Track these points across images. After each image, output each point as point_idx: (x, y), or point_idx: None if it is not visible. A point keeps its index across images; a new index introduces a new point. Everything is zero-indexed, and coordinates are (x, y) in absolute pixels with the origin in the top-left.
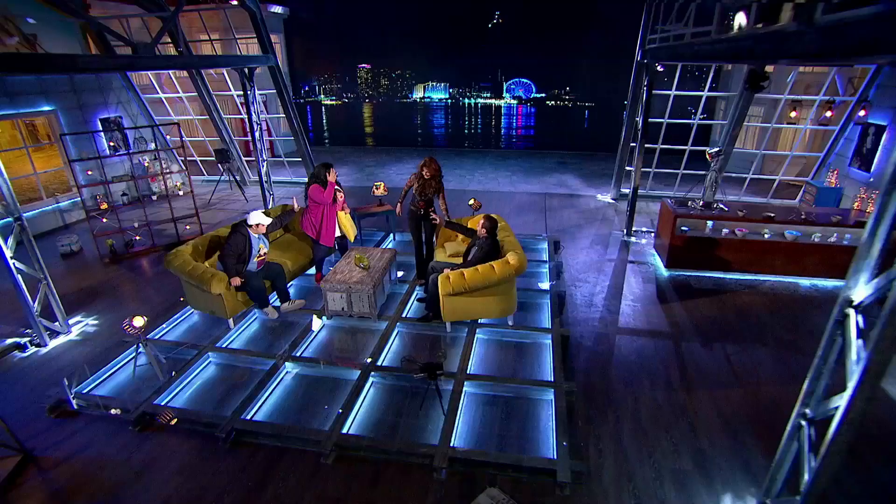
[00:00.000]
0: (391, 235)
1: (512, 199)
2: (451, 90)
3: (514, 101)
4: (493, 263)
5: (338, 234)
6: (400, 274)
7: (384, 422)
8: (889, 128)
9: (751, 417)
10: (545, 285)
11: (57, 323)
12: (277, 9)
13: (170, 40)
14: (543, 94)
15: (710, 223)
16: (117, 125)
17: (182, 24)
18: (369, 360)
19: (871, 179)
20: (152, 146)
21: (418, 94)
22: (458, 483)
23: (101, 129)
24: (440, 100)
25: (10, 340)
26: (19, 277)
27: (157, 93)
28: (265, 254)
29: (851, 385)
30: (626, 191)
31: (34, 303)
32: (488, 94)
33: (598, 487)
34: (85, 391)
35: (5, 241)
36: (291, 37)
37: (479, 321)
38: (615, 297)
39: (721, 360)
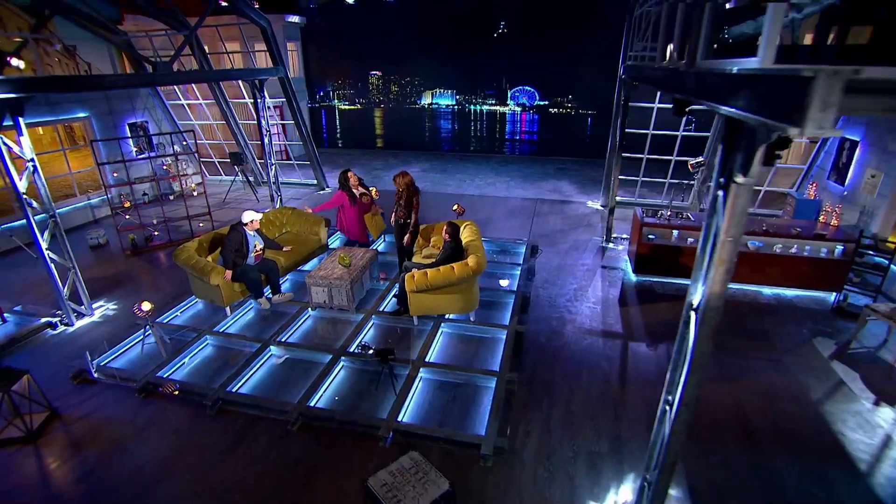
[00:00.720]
0: (381, 237)
1: (505, 203)
2: (457, 97)
3: (517, 109)
4: (454, 265)
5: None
6: (383, 275)
7: (346, 398)
8: (861, 143)
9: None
10: (504, 282)
11: (82, 306)
12: (295, 18)
13: (191, 53)
14: (546, 102)
15: (675, 232)
16: (143, 129)
17: (205, 36)
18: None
19: (845, 193)
20: (172, 149)
21: (426, 100)
22: (398, 450)
23: (128, 133)
24: (447, 106)
25: (43, 319)
26: (52, 266)
27: (180, 99)
28: (261, 249)
29: (684, 373)
30: (617, 198)
31: (64, 288)
32: (493, 101)
33: (518, 462)
34: (102, 363)
35: (41, 235)
36: (308, 44)
37: (446, 316)
38: (579, 299)
39: (661, 360)
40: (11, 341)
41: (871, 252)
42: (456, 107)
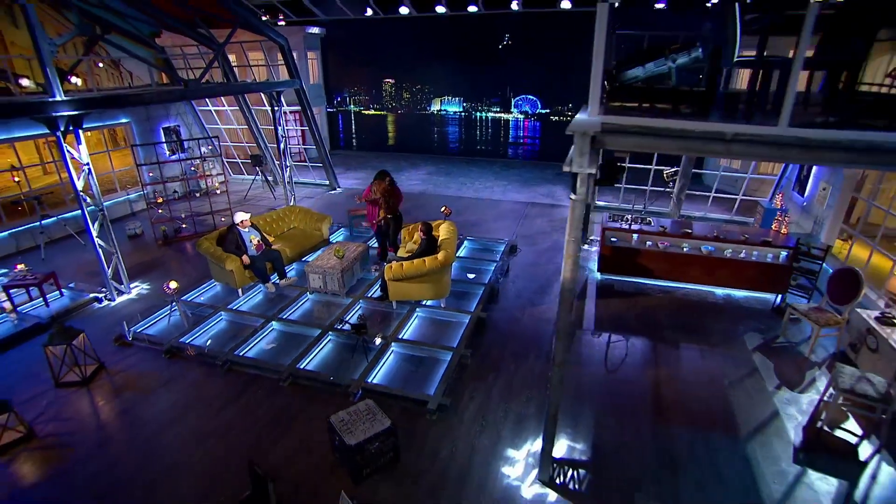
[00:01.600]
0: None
1: (498, 206)
2: (464, 104)
3: (521, 116)
4: (425, 258)
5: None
6: (376, 267)
7: (329, 364)
8: None
9: (597, 387)
10: (471, 276)
11: (122, 285)
12: (315, 30)
13: (218, 66)
14: (548, 110)
15: (635, 236)
16: (175, 133)
17: (231, 48)
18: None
19: (804, 204)
20: (200, 151)
21: (435, 106)
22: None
23: (163, 136)
24: (455, 112)
25: (91, 295)
26: (100, 251)
27: (208, 106)
28: (258, 241)
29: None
30: (602, 203)
31: (108, 270)
32: (498, 109)
33: (458, 417)
34: (137, 330)
35: (93, 225)
36: (327, 53)
37: (422, 302)
38: (543, 293)
39: (602, 345)
40: (67, 311)
41: (807, 258)
42: (463, 113)
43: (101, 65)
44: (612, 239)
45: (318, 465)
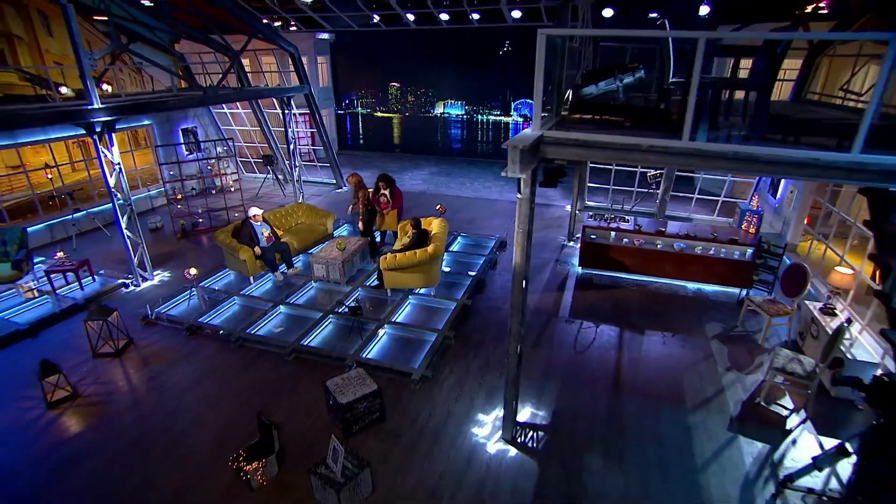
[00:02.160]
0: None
1: (493, 205)
2: (466, 107)
3: (520, 119)
4: (416, 250)
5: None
6: (368, 262)
7: (329, 342)
8: None
9: (564, 366)
10: (446, 268)
11: (147, 272)
12: (325, 35)
13: (232, 71)
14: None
15: (612, 233)
16: (193, 134)
17: (245, 54)
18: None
19: (777, 205)
20: (217, 151)
21: (439, 109)
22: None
23: (181, 137)
24: (457, 115)
25: (119, 280)
26: (128, 241)
27: (223, 108)
28: (269, 234)
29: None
30: (592, 203)
31: (135, 258)
32: (498, 113)
33: (438, 387)
34: (160, 311)
35: (122, 218)
36: (336, 58)
37: (413, 290)
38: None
39: (573, 330)
40: (98, 294)
41: (768, 255)
42: (465, 116)
43: (122, 69)
44: (592, 236)
45: (315, 422)
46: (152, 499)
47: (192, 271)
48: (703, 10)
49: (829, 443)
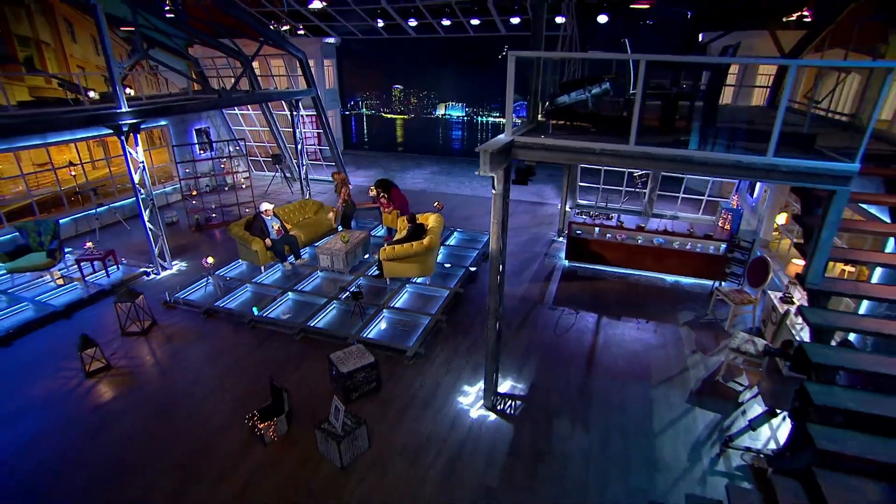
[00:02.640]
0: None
1: (489, 203)
2: (466, 109)
3: (518, 121)
4: (413, 242)
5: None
6: (366, 256)
7: (333, 324)
8: None
9: (544, 347)
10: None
11: (166, 262)
12: (331, 39)
13: (245, 76)
14: None
15: (597, 229)
16: (206, 134)
17: (257, 58)
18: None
19: (754, 204)
20: (229, 150)
21: (440, 111)
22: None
23: (195, 137)
24: (458, 117)
25: (141, 269)
26: (150, 233)
27: (234, 110)
28: (279, 228)
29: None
30: (583, 202)
31: (155, 248)
32: (497, 114)
33: (429, 363)
34: (180, 297)
35: (145, 211)
36: (342, 61)
37: (410, 279)
38: (516, 275)
39: (555, 317)
40: (122, 282)
41: (739, 249)
42: (465, 118)
43: (140, 72)
44: (577, 231)
45: (320, 391)
46: (179, 452)
47: (210, 260)
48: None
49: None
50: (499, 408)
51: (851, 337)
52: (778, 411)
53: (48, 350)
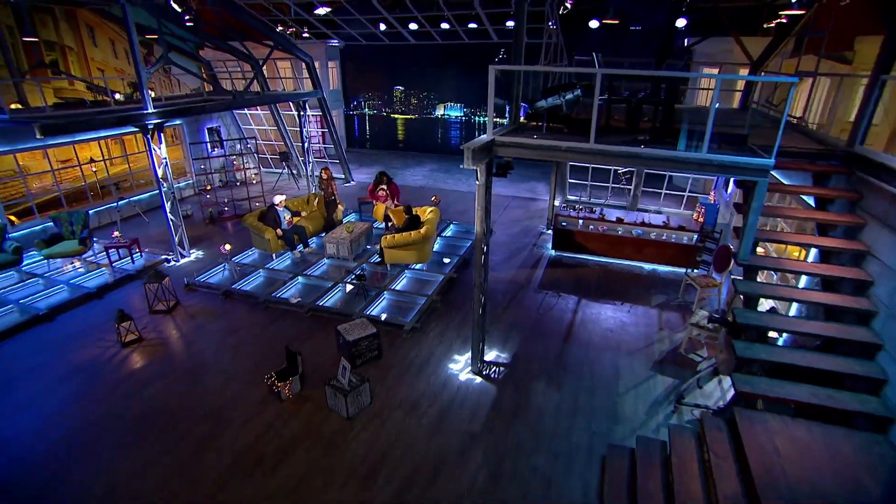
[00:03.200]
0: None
1: None
2: (464, 109)
3: (504, 121)
4: (411, 231)
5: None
6: (368, 247)
7: (339, 303)
8: None
9: (527, 323)
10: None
11: (185, 250)
12: (335, 42)
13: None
14: None
15: (580, 221)
16: (217, 133)
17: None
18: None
19: (728, 198)
20: (238, 148)
21: (439, 111)
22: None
23: (206, 135)
24: (456, 117)
25: (162, 256)
26: (171, 223)
27: (243, 110)
28: (290, 219)
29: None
30: (572, 197)
31: (175, 237)
32: (494, 114)
33: (424, 337)
34: (200, 280)
35: (167, 204)
36: (346, 63)
37: (409, 266)
38: (505, 263)
39: (539, 298)
40: (146, 268)
41: (709, 239)
42: (463, 118)
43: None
44: (563, 223)
45: (328, 359)
46: (207, 407)
47: (227, 247)
48: (680, 22)
49: (726, 381)
50: (484, 373)
51: (792, 310)
52: (720, 370)
53: (86, 325)
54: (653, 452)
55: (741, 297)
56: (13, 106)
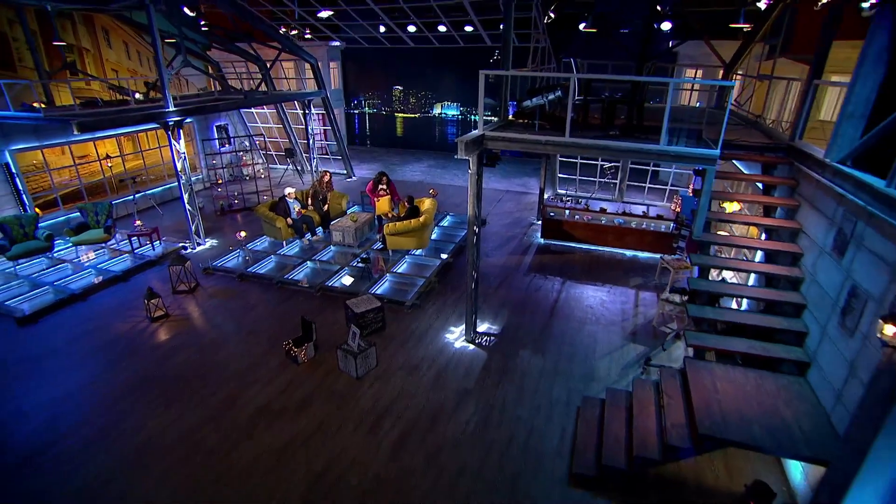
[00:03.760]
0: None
1: None
2: (460, 108)
3: (495, 119)
4: (411, 220)
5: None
6: (370, 235)
7: (345, 284)
8: None
9: (517, 300)
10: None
11: (200, 238)
12: (337, 43)
13: (262, 79)
14: None
15: (567, 211)
16: (225, 130)
17: (269, 60)
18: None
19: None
20: (254, 143)
21: (437, 110)
22: None
23: (216, 133)
24: (452, 116)
25: (179, 244)
26: (188, 213)
27: (250, 108)
28: (299, 209)
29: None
30: (562, 191)
31: (192, 226)
32: (488, 113)
33: (423, 311)
34: (217, 265)
35: (185, 195)
36: (347, 63)
37: (409, 251)
38: (497, 250)
39: (527, 280)
40: (165, 254)
41: (683, 227)
42: (459, 116)
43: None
44: (551, 213)
45: (338, 331)
46: (232, 370)
47: (242, 234)
48: (666, 26)
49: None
50: (477, 342)
51: (751, 281)
52: (681, 335)
53: (116, 304)
54: (619, 400)
55: (696, 268)
56: (35, 105)
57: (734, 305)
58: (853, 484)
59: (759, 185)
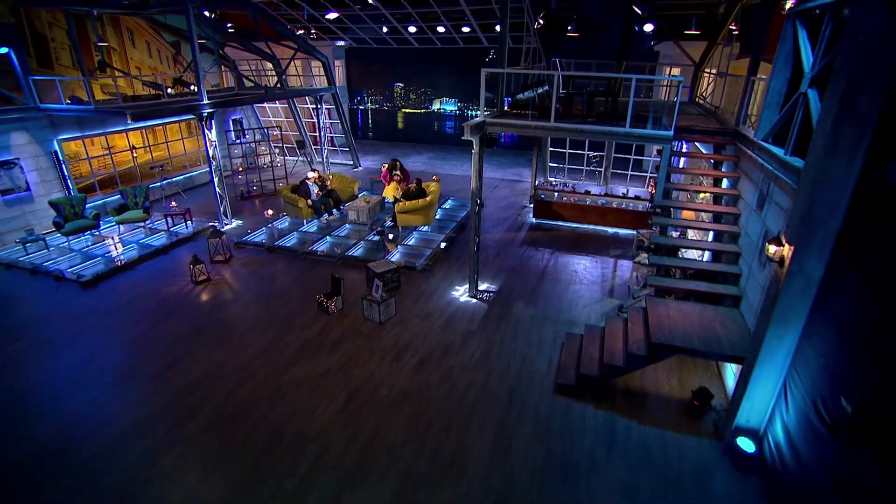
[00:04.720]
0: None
1: None
2: (458, 104)
3: (492, 110)
4: (418, 200)
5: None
6: (380, 215)
7: (362, 255)
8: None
9: (512, 266)
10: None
11: (227, 218)
12: (342, 42)
13: (276, 76)
14: None
15: (556, 193)
16: (239, 124)
17: (283, 59)
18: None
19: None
20: (267, 135)
21: (436, 106)
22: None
23: (231, 126)
24: (451, 111)
25: (209, 224)
26: (217, 196)
27: (263, 103)
28: (318, 191)
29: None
30: (552, 179)
31: (221, 207)
32: (486, 110)
33: (432, 274)
34: (247, 239)
35: (216, 179)
36: (351, 61)
37: (416, 228)
38: (495, 227)
39: (521, 251)
40: (196, 233)
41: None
42: (457, 111)
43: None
44: (541, 195)
45: (359, 294)
46: (272, 320)
47: (269, 212)
48: (648, 27)
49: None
50: (478, 297)
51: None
52: (647, 284)
53: (161, 272)
54: (595, 333)
55: (657, 228)
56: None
57: (697, 258)
58: (755, 370)
59: (713, 162)
